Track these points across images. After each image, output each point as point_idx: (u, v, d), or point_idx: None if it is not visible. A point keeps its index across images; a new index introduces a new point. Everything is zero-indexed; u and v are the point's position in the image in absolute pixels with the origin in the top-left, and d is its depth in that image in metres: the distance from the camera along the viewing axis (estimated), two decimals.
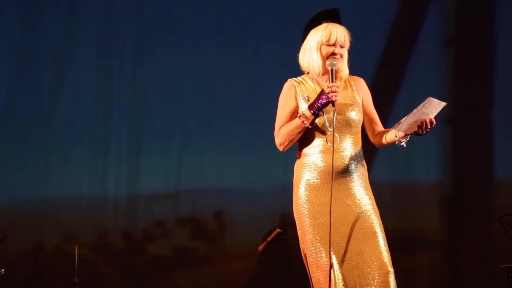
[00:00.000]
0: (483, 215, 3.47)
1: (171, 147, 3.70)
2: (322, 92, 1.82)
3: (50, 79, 3.79)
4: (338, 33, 1.88)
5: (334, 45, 1.87)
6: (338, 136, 1.85)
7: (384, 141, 1.92)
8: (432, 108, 1.76)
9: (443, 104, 1.76)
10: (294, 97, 1.91)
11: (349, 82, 1.95)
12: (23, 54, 3.80)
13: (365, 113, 1.94)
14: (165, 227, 3.62)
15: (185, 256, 3.60)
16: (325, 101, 1.80)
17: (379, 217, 1.85)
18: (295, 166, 1.93)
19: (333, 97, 1.78)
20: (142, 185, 3.68)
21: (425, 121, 1.76)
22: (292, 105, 1.90)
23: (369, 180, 1.91)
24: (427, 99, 1.75)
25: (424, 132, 1.79)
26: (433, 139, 3.44)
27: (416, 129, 1.78)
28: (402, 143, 1.84)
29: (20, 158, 3.74)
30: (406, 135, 1.82)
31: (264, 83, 3.43)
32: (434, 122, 1.78)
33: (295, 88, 1.91)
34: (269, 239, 2.57)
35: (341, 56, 1.88)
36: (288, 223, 2.63)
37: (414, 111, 1.76)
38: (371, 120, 1.95)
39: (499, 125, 3.59)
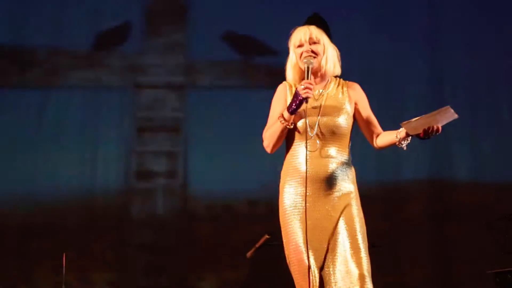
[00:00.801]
0: (471, 218, 3.48)
1: (162, 151, 3.68)
2: (296, 90, 1.79)
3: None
4: (301, 32, 1.87)
5: (301, 45, 1.85)
6: (319, 142, 1.82)
7: (383, 142, 1.89)
8: (444, 117, 1.74)
9: (455, 116, 1.74)
10: (284, 99, 1.89)
11: (342, 87, 1.92)
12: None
13: (362, 118, 1.92)
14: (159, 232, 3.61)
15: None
16: (298, 99, 1.76)
17: (362, 222, 1.83)
18: (281, 171, 1.91)
19: (305, 94, 1.74)
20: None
21: (433, 127, 1.74)
22: (281, 107, 1.87)
23: (357, 183, 1.87)
24: (445, 108, 1.73)
25: (427, 137, 1.76)
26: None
27: (420, 131, 1.75)
28: (403, 145, 1.81)
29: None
30: (407, 136, 1.79)
31: None
32: (440, 131, 1.75)
33: (286, 91, 1.90)
34: (257, 245, 2.56)
35: (314, 52, 1.84)
36: (277, 229, 2.61)
37: (428, 114, 1.73)
38: (369, 124, 1.92)
39: (488, 127, 3.62)
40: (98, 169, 3.72)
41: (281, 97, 1.89)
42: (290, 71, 1.90)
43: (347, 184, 1.85)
